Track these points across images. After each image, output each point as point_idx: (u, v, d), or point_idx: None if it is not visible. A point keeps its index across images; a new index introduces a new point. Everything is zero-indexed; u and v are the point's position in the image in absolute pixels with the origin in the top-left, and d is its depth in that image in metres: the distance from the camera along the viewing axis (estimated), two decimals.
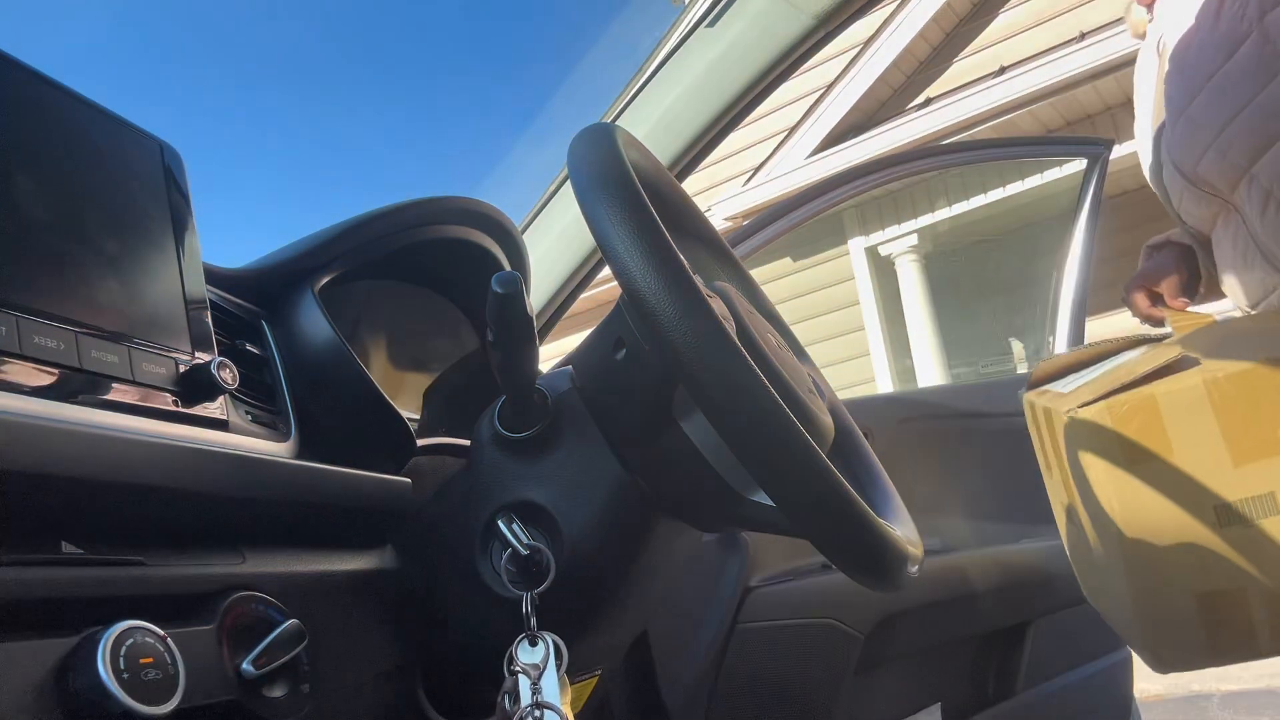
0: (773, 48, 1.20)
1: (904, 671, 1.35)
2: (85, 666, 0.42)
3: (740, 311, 0.67)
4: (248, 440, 0.60)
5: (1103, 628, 1.38)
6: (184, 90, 44.36)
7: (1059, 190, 5.23)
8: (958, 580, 1.35)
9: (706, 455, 0.64)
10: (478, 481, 0.68)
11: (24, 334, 0.47)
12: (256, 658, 0.51)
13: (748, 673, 1.17)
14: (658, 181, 0.73)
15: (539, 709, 0.60)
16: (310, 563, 0.61)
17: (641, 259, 0.54)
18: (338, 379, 0.70)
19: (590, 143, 0.61)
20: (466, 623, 0.68)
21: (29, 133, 0.52)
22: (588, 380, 0.67)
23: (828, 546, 0.55)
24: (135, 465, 0.48)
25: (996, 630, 1.43)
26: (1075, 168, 1.93)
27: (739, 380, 0.52)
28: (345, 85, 38.84)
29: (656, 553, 0.70)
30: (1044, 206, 5.46)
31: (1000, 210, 5.79)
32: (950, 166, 2.28)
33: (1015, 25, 5.72)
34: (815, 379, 0.78)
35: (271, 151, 43.73)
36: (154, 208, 0.58)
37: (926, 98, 5.94)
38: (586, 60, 1.66)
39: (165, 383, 0.54)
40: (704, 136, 1.25)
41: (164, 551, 0.51)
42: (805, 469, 0.52)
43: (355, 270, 0.80)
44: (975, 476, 1.55)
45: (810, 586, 1.25)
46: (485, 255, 0.89)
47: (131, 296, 0.54)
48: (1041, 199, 5.52)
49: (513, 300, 0.61)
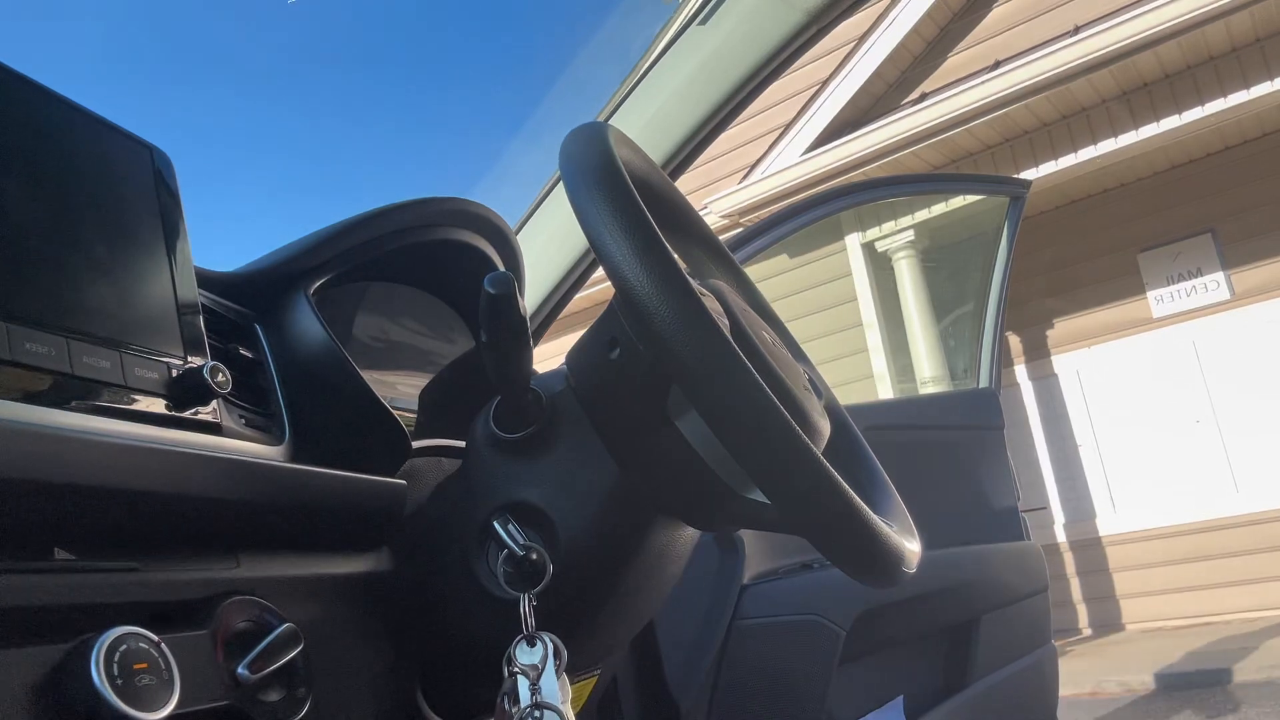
0: (765, 45, 1.20)
1: (873, 666, 1.40)
2: (79, 673, 0.42)
3: (735, 309, 0.67)
4: (241, 444, 0.60)
5: (1035, 623, 1.60)
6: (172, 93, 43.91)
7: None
8: (923, 579, 1.41)
9: (702, 454, 0.63)
10: (473, 483, 0.68)
11: (15, 340, 0.46)
12: (252, 662, 0.51)
13: (747, 667, 1.18)
14: (650, 180, 0.73)
15: (538, 709, 0.60)
16: (305, 566, 0.60)
17: (634, 258, 0.54)
18: (331, 381, 0.70)
19: (582, 142, 0.60)
20: (464, 624, 0.68)
21: (17, 138, 0.51)
22: (582, 380, 0.67)
23: (824, 544, 0.55)
24: (128, 470, 0.48)
25: (952, 625, 1.50)
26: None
27: (733, 378, 0.52)
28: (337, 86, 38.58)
29: (653, 552, 0.70)
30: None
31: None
32: (880, 200, 2.45)
33: (1009, 19, 5.72)
34: (812, 377, 0.77)
35: (263, 154, 43.48)
36: (145, 212, 0.58)
37: (921, 93, 5.94)
38: (579, 59, 1.66)
39: (158, 387, 0.54)
40: (697, 134, 1.25)
41: (158, 556, 0.51)
42: (800, 467, 0.52)
43: (349, 272, 0.80)
44: (926, 485, 1.63)
45: (797, 584, 1.28)
46: (479, 256, 0.89)
47: (123, 301, 0.54)
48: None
49: (506, 301, 0.61)
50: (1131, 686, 4.42)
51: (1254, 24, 4.95)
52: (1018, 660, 1.58)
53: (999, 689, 1.52)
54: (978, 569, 1.55)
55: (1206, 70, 5.21)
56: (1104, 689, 4.53)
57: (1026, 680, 1.59)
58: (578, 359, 0.68)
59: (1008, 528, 1.77)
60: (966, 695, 1.47)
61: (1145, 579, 6.05)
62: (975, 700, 1.47)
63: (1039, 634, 1.64)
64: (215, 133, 23.04)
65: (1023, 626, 1.61)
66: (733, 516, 0.66)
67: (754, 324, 0.69)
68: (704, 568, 1.21)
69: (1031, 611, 1.62)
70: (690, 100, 1.24)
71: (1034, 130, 5.69)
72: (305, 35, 23.86)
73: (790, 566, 1.35)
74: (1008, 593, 1.58)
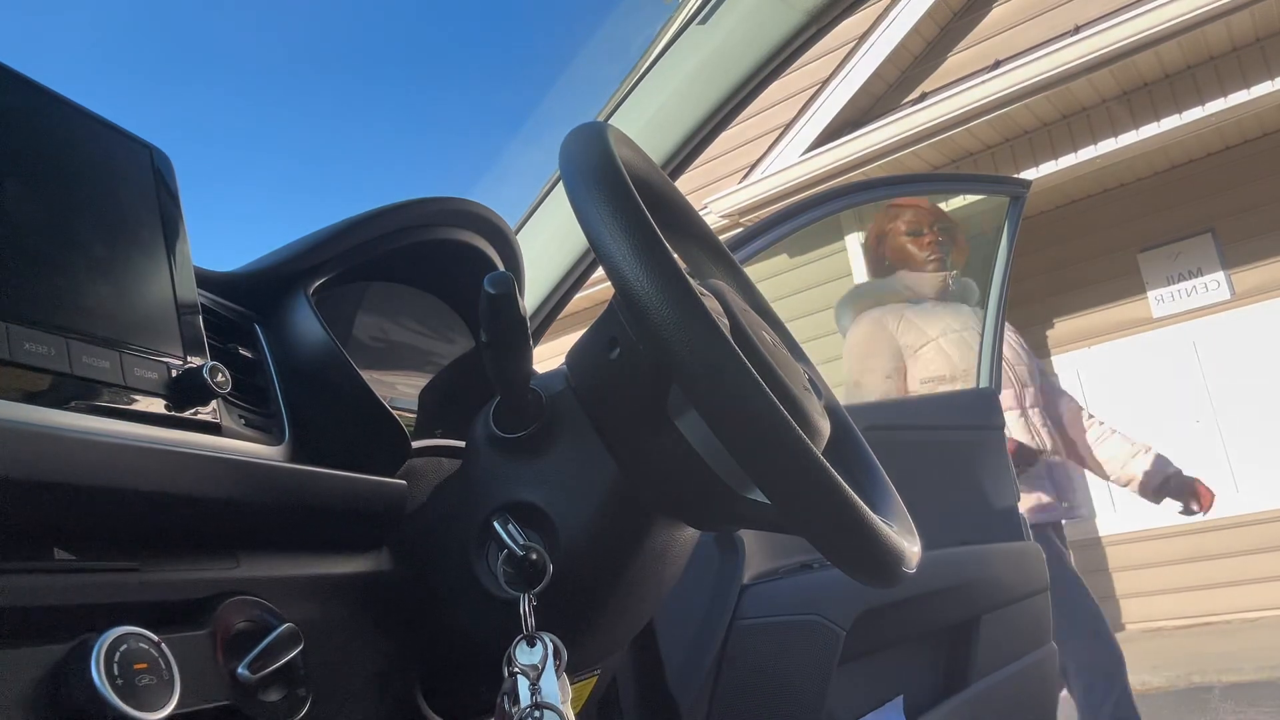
0: (765, 44, 1.20)
1: (872, 666, 1.41)
2: (79, 673, 0.42)
3: (735, 309, 0.67)
4: (241, 444, 0.60)
5: (1036, 623, 1.61)
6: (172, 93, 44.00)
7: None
8: (923, 579, 1.42)
9: (702, 454, 0.63)
10: (473, 483, 0.68)
11: (14, 340, 0.46)
12: (252, 662, 0.51)
13: (747, 668, 1.18)
14: (650, 180, 0.73)
15: (538, 709, 0.60)
16: (305, 566, 0.60)
17: (634, 257, 0.54)
18: (331, 382, 0.69)
19: (582, 141, 0.60)
20: (464, 624, 0.68)
21: (17, 138, 0.51)
22: (582, 380, 0.67)
23: (824, 544, 0.55)
24: (128, 470, 0.48)
25: (952, 625, 1.51)
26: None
27: (733, 378, 0.52)
28: (337, 86, 38.64)
29: (653, 552, 0.70)
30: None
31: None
32: (880, 200, 2.46)
33: (1009, 19, 5.72)
34: (812, 377, 0.77)
35: (263, 154, 43.56)
36: (144, 212, 0.58)
37: (921, 92, 5.94)
38: (579, 59, 1.66)
39: (157, 387, 0.54)
40: (697, 134, 1.25)
41: (157, 557, 0.51)
42: (800, 467, 0.52)
43: (348, 272, 0.80)
44: (926, 485, 1.64)
45: (797, 584, 1.28)
46: (479, 256, 0.89)
47: (122, 301, 0.54)
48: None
49: (505, 301, 0.61)
50: (1132, 686, 4.40)
51: (1254, 24, 4.95)
52: (1018, 660, 1.59)
53: (999, 689, 1.53)
54: (978, 569, 1.56)
55: (1207, 70, 5.21)
56: None
57: (1026, 680, 1.60)
58: (578, 359, 0.68)
59: (1008, 528, 1.78)
60: (966, 695, 1.47)
61: (1145, 579, 6.05)
62: (975, 700, 1.48)
63: (1039, 634, 1.65)
64: (215, 133, 23.06)
65: (1023, 626, 1.62)
66: (733, 516, 0.66)
67: (754, 324, 0.69)
68: (704, 568, 1.21)
69: (1031, 611, 1.63)
70: (690, 100, 1.24)
71: (1034, 130, 5.69)
72: (305, 35, 23.89)
73: (790, 566, 1.35)
74: (1008, 593, 1.59)
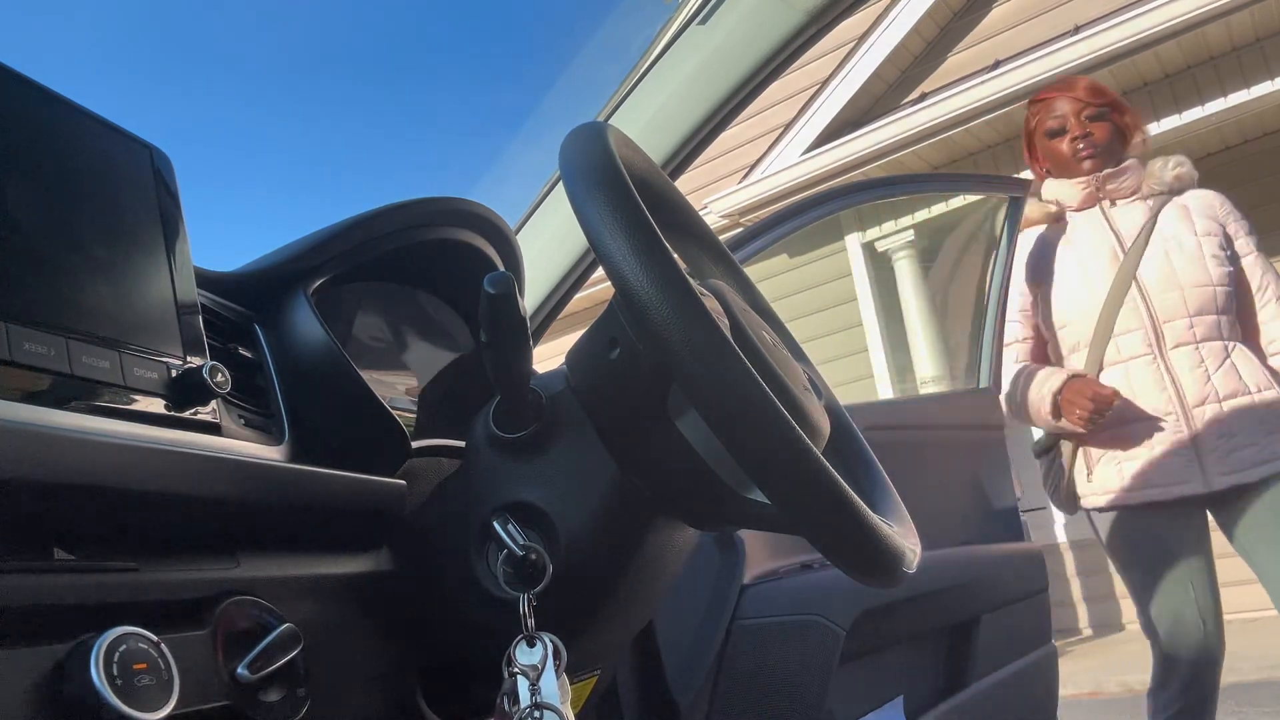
0: (765, 44, 1.20)
1: (872, 666, 1.41)
2: (78, 673, 0.42)
3: (734, 309, 0.67)
4: (241, 444, 0.60)
5: (1036, 623, 1.61)
6: (172, 93, 44.07)
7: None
8: (923, 579, 1.42)
9: (702, 454, 0.63)
10: (473, 483, 0.68)
11: (14, 340, 0.46)
12: (252, 662, 0.51)
13: (747, 668, 1.18)
14: (650, 180, 0.73)
15: (538, 709, 0.60)
16: (305, 566, 0.60)
17: (634, 257, 0.54)
18: (331, 382, 0.69)
19: (582, 141, 0.60)
20: (464, 624, 0.68)
21: (17, 138, 0.51)
22: (582, 380, 0.67)
23: (824, 544, 0.55)
24: (127, 470, 0.48)
25: (952, 625, 1.51)
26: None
27: (733, 378, 0.52)
28: (337, 86, 38.70)
29: (653, 552, 0.70)
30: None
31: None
32: (880, 200, 2.46)
33: (1009, 19, 5.72)
34: (812, 377, 0.77)
35: (262, 154, 43.63)
36: (144, 212, 0.58)
37: (921, 93, 5.94)
38: (579, 59, 1.66)
39: (157, 387, 0.54)
40: (697, 134, 1.25)
41: (157, 557, 0.51)
42: (800, 467, 0.52)
43: (348, 272, 0.80)
44: (926, 485, 1.63)
45: (797, 584, 1.28)
46: (479, 256, 0.89)
47: (122, 301, 0.54)
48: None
49: (505, 300, 0.61)
50: (1131, 686, 4.41)
51: (1254, 24, 4.95)
52: (1018, 660, 1.59)
53: (999, 689, 1.53)
54: (978, 569, 1.56)
55: (1207, 70, 5.21)
56: (1104, 689, 4.53)
57: (1026, 680, 1.60)
58: (578, 359, 0.68)
59: (1008, 528, 1.78)
60: (966, 695, 1.48)
61: None
62: (975, 700, 1.48)
63: (1039, 634, 1.65)
64: (215, 133, 23.11)
65: (1023, 626, 1.62)
66: (733, 516, 0.66)
67: (754, 324, 0.69)
68: (704, 568, 1.21)
69: (1031, 611, 1.63)
70: (690, 100, 1.24)
71: None
72: (306, 36, 23.95)
73: (790, 566, 1.35)
74: (1008, 593, 1.59)
